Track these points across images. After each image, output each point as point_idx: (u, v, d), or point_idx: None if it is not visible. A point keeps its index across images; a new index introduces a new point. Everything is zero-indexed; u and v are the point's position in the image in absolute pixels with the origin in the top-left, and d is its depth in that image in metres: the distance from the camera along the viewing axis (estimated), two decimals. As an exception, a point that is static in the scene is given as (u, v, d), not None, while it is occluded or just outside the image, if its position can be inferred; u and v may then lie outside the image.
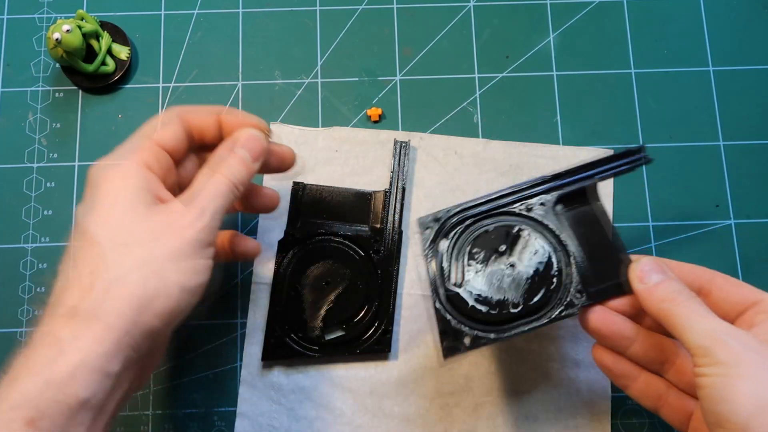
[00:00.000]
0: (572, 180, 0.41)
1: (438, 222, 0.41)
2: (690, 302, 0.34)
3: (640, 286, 0.36)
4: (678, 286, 0.35)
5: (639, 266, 0.37)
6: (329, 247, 0.47)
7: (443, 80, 0.52)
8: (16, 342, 0.47)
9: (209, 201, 0.35)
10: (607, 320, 0.38)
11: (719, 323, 0.33)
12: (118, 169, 0.35)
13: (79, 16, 0.50)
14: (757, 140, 0.51)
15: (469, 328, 0.39)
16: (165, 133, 0.38)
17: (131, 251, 0.33)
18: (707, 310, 0.34)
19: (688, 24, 0.54)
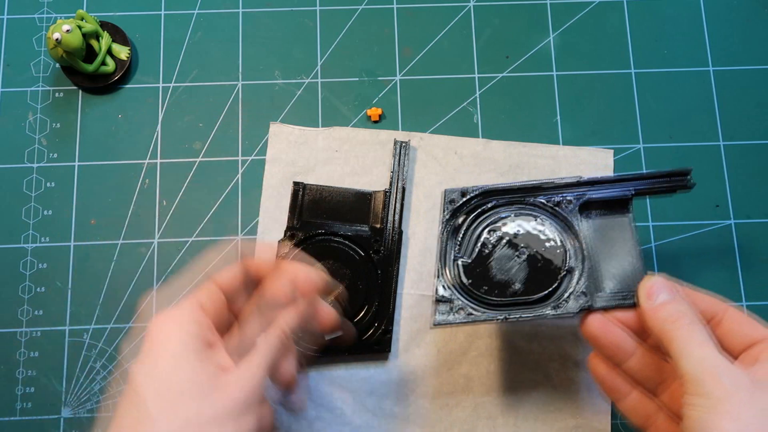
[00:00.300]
0: (607, 188, 0.41)
1: (464, 197, 0.42)
2: (692, 327, 0.34)
3: (646, 303, 0.36)
4: (684, 308, 0.35)
5: (649, 283, 0.37)
6: (329, 247, 0.47)
7: (443, 80, 0.52)
8: (16, 342, 0.47)
9: (261, 357, 0.34)
10: (607, 329, 0.38)
11: (716, 356, 0.33)
12: (172, 313, 0.34)
13: (79, 16, 0.50)
14: (757, 140, 0.51)
15: (464, 302, 0.39)
16: (223, 273, 0.37)
17: (176, 409, 0.31)
18: (708, 339, 0.34)
19: (688, 24, 0.54)
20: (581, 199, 0.41)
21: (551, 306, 0.39)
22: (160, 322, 0.34)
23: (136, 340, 0.48)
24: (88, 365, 0.47)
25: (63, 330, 0.48)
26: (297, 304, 0.37)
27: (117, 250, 0.49)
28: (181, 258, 0.49)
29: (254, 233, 0.49)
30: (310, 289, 0.37)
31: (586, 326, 0.38)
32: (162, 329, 0.33)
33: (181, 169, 0.50)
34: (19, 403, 0.47)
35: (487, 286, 0.40)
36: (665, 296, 0.36)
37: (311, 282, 0.38)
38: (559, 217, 0.41)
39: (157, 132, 0.51)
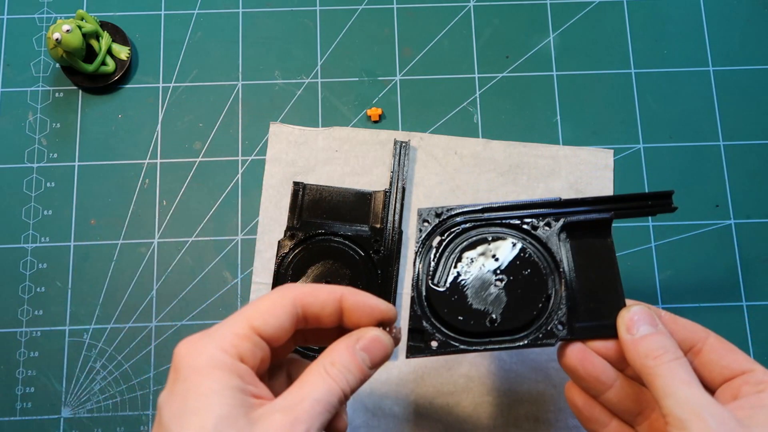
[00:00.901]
0: (586, 210, 0.39)
1: (438, 218, 0.39)
2: (675, 364, 0.33)
3: (626, 336, 0.35)
4: (666, 342, 0.34)
5: (629, 314, 0.35)
6: (329, 247, 0.47)
7: (443, 80, 0.52)
8: (16, 342, 0.47)
9: (315, 418, 0.30)
10: (586, 360, 0.36)
11: (701, 395, 0.32)
12: (209, 360, 0.30)
13: (79, 16, 0.50)
14: (757, 140, 0.51)
15: (439, 333, 0.37)
16: (269, 321, 0.32)
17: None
18: (691, 377, 0.32)
19: (688, 24, 0.54)
20: (560, 222, 0.39)
21: (530, 337, 0.37)
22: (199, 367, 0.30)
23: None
24: (88, 365, 0.47)
25: (63, 330, 0.48)
26: (364, 369, 0.33)
27: (117, 250, 0.49)
28: (181, 258, 0.49)
29: (254, 233, 0.49)
30: (382, 358, 0.33)
31: (564, 358, 0.37)
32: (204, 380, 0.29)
33: (181, 169, 0.50)
34: (19, 403, 0.47)
35: (463, 316, 0.37)
36: (646, 329, 0.34)
37: (385, 350, 0.34)
38: (538, 240, 0.39)
39: (157, 132, 0.51)
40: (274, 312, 0.32)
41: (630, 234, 0.49)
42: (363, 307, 0.34)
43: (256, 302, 0.32)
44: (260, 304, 0.32)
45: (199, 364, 0.30)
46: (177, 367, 0.30)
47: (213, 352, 0.30)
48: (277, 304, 0.32)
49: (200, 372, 0.30)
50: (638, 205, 0.39)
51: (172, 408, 0.29)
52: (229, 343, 0.30)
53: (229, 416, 0.29)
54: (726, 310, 0.49)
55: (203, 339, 0.31)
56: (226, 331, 0.31)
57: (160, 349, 0.47)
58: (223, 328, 0.31)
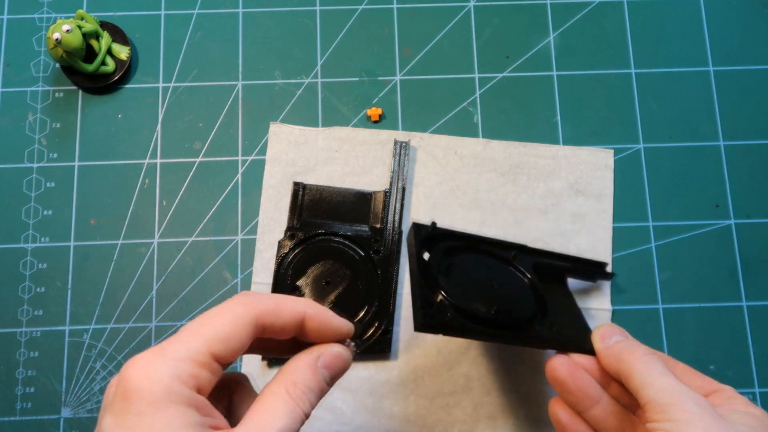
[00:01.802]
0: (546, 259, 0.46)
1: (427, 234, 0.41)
2: (649, 358, 0.35)
3: (600, 345, 0.37)
4: (638, 344, 0.36)
5: (601, 329, 0.38)
6: (329, 247, 0.47)
7: (443, 80, 0.52)
8: (16, 342, 0.47)
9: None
10: (575, 374, 0.37)
11: (677, 383, 0.33)
12: (167, 393, 0.26)
13: (79, 16, 0.50)
14: (757, 140, 0.51)
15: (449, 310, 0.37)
16: (230, 345, 0.29)
17: None
18: (665, 369, 0.34)
19: (688, 24, 0.54)
20: (531, 261, 0.45)
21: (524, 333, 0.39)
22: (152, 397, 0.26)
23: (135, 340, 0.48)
24: (88, 365, 0.47)
25: (63, 330, 0.48)
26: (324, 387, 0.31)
27: (117, 250, 0.49)
28: (181, 258, 0.49)
29: (254, 233, 0.49)
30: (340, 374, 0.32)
31: (553, 370, 0.38)
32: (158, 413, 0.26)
33: (181, 169, 0.50)
34: (19, 403, 0.47)
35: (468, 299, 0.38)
36: (618, 337, 0.37)
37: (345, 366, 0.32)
38: (519, 269, 0.44)
39: (157, 132, 0.51)
40: (235, 335, 0.29)
41: (630, 234, 0.49)
42: (324, 329, 0.32)
43: (215, 318, 0.29)
44: (220, 323, 0.29)
45: (155, 396, 0.26)
46: (127, 394, 0.26)
47: (170, 383, 0.27)
48: (238, 325, 0.29)
49: (157, 407, 0.26)
50: (581, 268, 0.47)
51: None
52: (188, 373, 0.27)
53: None
54: (726, 310, 0.49)
55: (157, 363, 0.27)
56: (184, 355, 0.27)
57: (160, 349, 0.47)
58: (180, 351, 0.28)
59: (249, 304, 0.30)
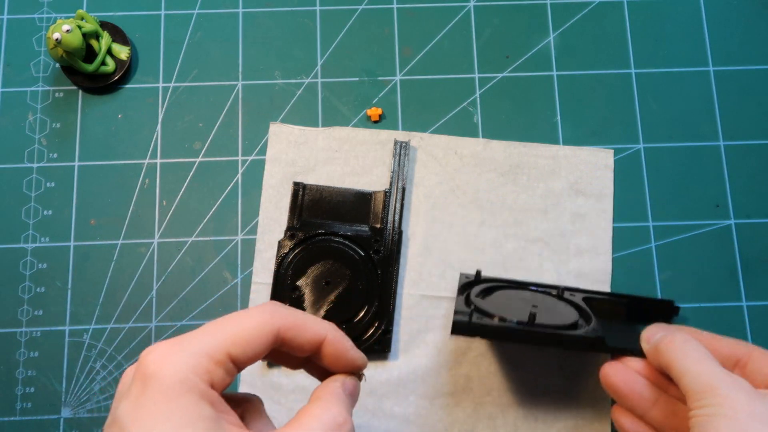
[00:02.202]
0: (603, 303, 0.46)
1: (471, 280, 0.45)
2: (687, 345, 0.35)
3: (646, 346, 0.38)
4: (676, 333, 0.36)
5: (647, 330, 0.38)
6: (329, 247, 0.47)
7: (443, 80, 0.52)
8: (16, 342, 0.47)
9: None
10: (627, 378, 0.38)
11: (715, 368, 0.33)
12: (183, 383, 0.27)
13: (79, 16, 0.50)
14: (757, 140, 0.51)
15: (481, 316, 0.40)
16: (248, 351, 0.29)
17: None
18: (705, 355, 0.34)
19: (688, 24, 0.54)
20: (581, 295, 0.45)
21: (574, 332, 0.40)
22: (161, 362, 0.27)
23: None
24: (88, 365, 0.47)
25: (63, 330, 0.48)
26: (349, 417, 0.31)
27: (117, 250, 0.49)
28: (181, 258, 0.49)
29: (254, 233, 0.49)
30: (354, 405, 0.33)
31: (606, 377, 0.39)
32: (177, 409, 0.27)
33: (181, 169, 0.50)
34: (19, 403, 0.47)
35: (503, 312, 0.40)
36: (661, 334, 0.37)
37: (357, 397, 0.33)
38: (564, 300, 0.44)
39: (157, 132, 0.51)
40: (255, 341, 0.29)
41: (630, 234, 0.49)
42: (341, 356, 0.32)
43: (239, 321, 0.30)
44: (243, 327, 0.29)
45: (172, 384, 0.27)
46: (145, 379, 0.27)
47: (187, 374, 0.27)
48: (260, 332, 0.30)
49: (173, 394, 0.27)
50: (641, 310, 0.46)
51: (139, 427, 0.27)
52: (204, 369, 0.28)
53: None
54: (726, 310, 0.49)
55: (176, 353, 0.28)
56: (202, 350, 0.28)
57: (160, 349, 0.47)
58: (198, 345, 0.28)
59: (275, 314, 0.30)
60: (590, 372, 0.47)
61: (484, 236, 0.49)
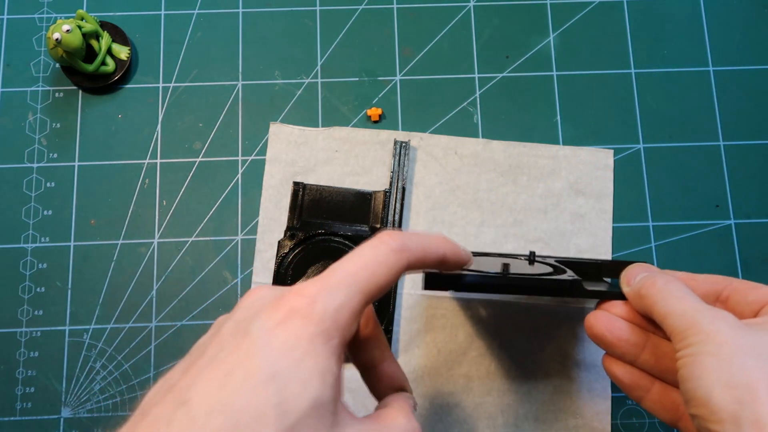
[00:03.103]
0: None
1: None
2: (669, 285, 0.33)
3: (626, 289, 0.36)
4: (659, 274, 0.35)
5: (626, 271, 0.37)
6: (329, 247, 0.47)
7: (443, 80, 0.52)
8: (16, 342, 0.47)
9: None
10: (612, 326, 0.37)
11: (696, 304, 0.32)
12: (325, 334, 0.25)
13: (79, 16, 0.50)
14: (757, 140, 0.51)
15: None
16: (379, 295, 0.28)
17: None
18: (686, 292, 0.33)
19: (688, 24, 0.54)
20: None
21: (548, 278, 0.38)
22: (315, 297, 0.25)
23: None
24: (88, 365, 0.47)
25: (63, 330, 0.48)
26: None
27: (117, 250, 0.49)
28: (181, 258, 0.49)
29: (254, 233, 0.49)
30: None
31: (591, 327, 0.37)
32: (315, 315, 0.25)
33: (181, 169, 0.50)
34: (19, 403, 0.47)
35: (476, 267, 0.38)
36: (642, 275, 0.36)
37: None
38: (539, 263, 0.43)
39: (157, 132, 0.51)
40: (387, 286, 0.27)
41: (630, 234, 0.49)
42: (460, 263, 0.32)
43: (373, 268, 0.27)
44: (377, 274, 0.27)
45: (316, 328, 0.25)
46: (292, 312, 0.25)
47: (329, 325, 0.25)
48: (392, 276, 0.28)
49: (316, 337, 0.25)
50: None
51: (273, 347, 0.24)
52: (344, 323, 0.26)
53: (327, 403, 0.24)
54: (726, 310, 0.49)
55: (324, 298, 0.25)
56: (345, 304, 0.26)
57: (160, 349, 0.47)
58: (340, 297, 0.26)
59: (403, 252, 0.28)
60: (590, 371, 0.47)
61: (484, 236, 0.49)
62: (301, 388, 0.23)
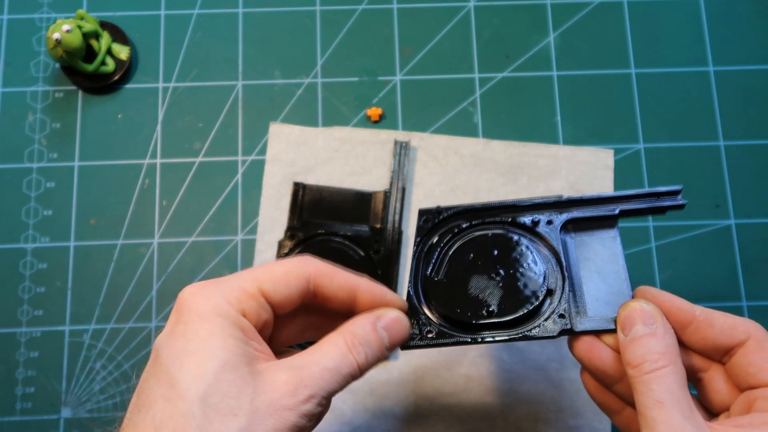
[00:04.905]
0: (590, 208, 0.38)
1: (438, 215, 0.39)
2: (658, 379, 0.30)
3: (620, 336, 0.32)
4: (657, 347, 0.31)
5: (626, 312, 0.33)
6: (329, 247, 0.47)
7: (443, 80, 0.52)
8: (16, 342, 0.47)
9: (322, 386, 0.29)
10: (593, 354, 0.34)
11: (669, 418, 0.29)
12: (214, 308, 0.29)
13: (79, 16, 0.50)
14: (757, 140, 0.51)
15: (435, 325, 0.36)
16: (279, 288, 0.31)
17: (226, 423, 0.27)
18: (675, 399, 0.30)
19: (688, 24, 0.54)
20: (563, 217, 0.38)
21: (528, 328, 0.35)
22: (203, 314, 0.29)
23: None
24: (87, 365, 0.47)
25: (63, 330, 0.48)
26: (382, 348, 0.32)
27: (117, 250, 0.49)
28: (181, 258, 0.49)
29: (254, 233, 0.49)
30: (399, 341, 0.33)
31: (573, 348, 0.35)
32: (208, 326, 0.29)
33: (181, 169, 0.50)
34: (19, 403, 0.47)
35: (461, 307, 0.36)
36: (639, 329, 0.32)
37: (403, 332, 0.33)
38: (538, 236, 0.38)
39: (157, 132, 0.51)
40: (286, 281, 0.31)
41: (630, 234, 0.49)
42: (378, 302, 0.33)
43: (270, 266, 0.32)
44: (274, 269, 0.31)
45: (203, 309, 0.29)
46: (180, 310, 0.30)
47: (218, 301, 0.30)
48: (291, 275, 0.31)
49: (203, 317, 0.29)
50: (646, 202, 0.38)
51: (171, 349, 0.29)
52: (235, 297, 0.30)
53: (230, 362, 0.28)
54: (726, 310, 0.48)
55: (209, 287, 0.30)
56: (234, 284, 0.30)
57: (160, 349, 0.47)
58: (230, 281, 0.31)
59: (307, 262, 0.32)
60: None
61: (484, 236, 0.49)
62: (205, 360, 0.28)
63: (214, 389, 0.28)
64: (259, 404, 0.28)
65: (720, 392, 0.34)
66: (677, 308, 0.34)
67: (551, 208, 0.38)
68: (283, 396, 0.28)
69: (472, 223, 0.39)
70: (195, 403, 0.27)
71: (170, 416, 0.27)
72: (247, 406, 0.28)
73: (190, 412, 0.27)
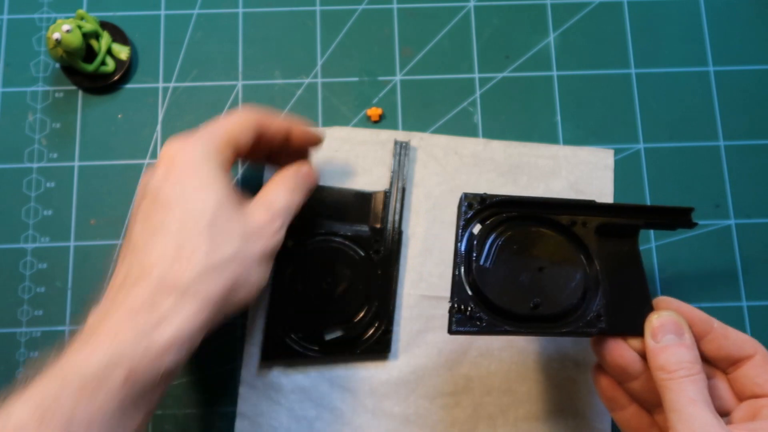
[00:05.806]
0: (620, 215, 0.41)
1: (483, 202, 0.40)
2: (686, 381, 0.33)
3: (650, 342, 0.36)
4: (684, 356, 0.34)
5: (658, 320, 0.36)
6: (329, 247, 0.47)
7: (443, 80, 0.52)
8: (16, 342, 0.47)
9: (285, 218, 0.39)
10: (618, 353, 0.37)
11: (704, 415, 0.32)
12: (204, 156, 0.37)
13: (79, 16, 0.50)
14: (757, 140, 0.51)
15: (483, 313, 0.37)
16: (240, 137, 0.39)
17: (227, 242, 0.35)
18: (699, 395, 0.33)
19: (688, 24, 0.54)
20: (595, 222, 0.40)
21: (570, 326, 0.38)
22: (195, 161, 0.36)
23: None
24: (88, 365, 0.47)
25: (63, 330, 0.48)
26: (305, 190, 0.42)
27: (117, 250, 0.49)
28: (181, 258, 0.49)
29: (254, 233, 0.49)
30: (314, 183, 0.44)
31: (593, 343, 0.38)
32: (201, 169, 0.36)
33: (181, 169, 0.50)
34: (19, 403, 0.47)
35: (507, 297, 0.38)
36: (670, 338, 0.35)
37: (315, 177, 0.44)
38: (575, 236, 0.40)
39: (157, 132, 0.51)
40: (246, 126, 0.39)
41: (630, 234, 0.49)
42: (308, 134, 0.44)
43: (230, 118, 0.39)
44: (235, 119, 0.39)
45: (194, 157, 0.36)
46: (171, 159, 0.36)
47: (206, 149, 0.37)
48: (248, 122, 0.39)
49: (196, 163, 0.36)
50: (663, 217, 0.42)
51: (174, 189, 0.35)
52: (217, 147, 0.37)
53: (224, 199, 0.36)
54: (726, 310, 0.49)
55: (193, 139, 0.37)
56: (212, 135, 0.38)
57: (160, 349, 0.47)
58: (208, 133, 0.38)
59: (252, 110, 0.41)
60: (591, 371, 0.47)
61: (484, 236, 0.49)
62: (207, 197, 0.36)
63: (217, 218, 0.35)
64: (248, 231, 0.36)
65: (722, 398, 0.36)
66: (699, 319, 0.37)
67: (585, 211, 0.41)
68: (264, 225, 0.37)
69: (514, 215, 0.41)
70: (206, 227, 0.34)
71: (188, 237, 0.34)
72: (239, 233, 0.35)
73: (202, 233, 0.34)
